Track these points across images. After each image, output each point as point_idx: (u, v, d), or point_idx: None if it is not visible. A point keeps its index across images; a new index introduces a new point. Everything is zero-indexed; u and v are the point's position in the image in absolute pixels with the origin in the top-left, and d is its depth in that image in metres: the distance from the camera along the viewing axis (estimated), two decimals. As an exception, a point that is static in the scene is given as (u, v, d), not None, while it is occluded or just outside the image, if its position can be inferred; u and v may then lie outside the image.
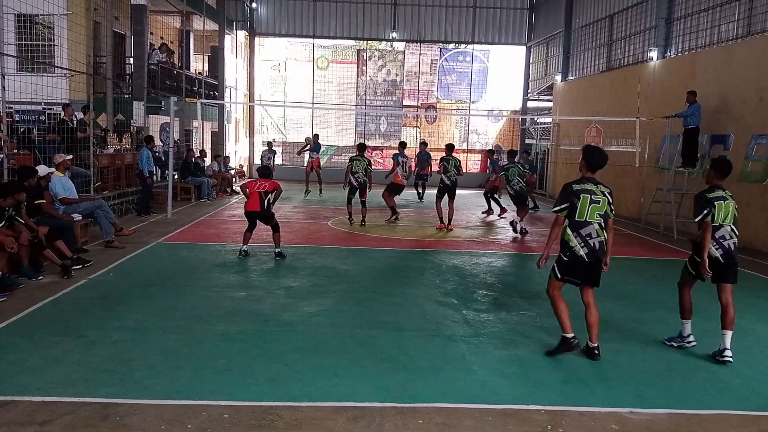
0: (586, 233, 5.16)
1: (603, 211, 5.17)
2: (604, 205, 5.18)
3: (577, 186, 5.23)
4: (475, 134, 27.25)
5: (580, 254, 5.17)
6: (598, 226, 5.17)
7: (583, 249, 5.16)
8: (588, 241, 5.16)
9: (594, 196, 5.16)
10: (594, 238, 5.16)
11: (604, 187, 5.27)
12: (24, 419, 3.92)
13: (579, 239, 5.17)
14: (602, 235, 5.19)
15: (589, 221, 5.16)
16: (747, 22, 12.59)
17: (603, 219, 5.18)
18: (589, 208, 5.14)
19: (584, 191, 5.17)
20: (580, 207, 5.14)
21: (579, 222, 5.16)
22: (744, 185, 11.80)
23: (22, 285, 7.00)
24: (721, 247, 5.48)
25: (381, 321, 6.28)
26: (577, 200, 5.16)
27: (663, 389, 4.76)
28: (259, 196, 9.07)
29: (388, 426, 4.01)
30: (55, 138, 11.34)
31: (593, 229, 5.16)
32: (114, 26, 15.99)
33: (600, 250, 5.19)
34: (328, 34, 25.48)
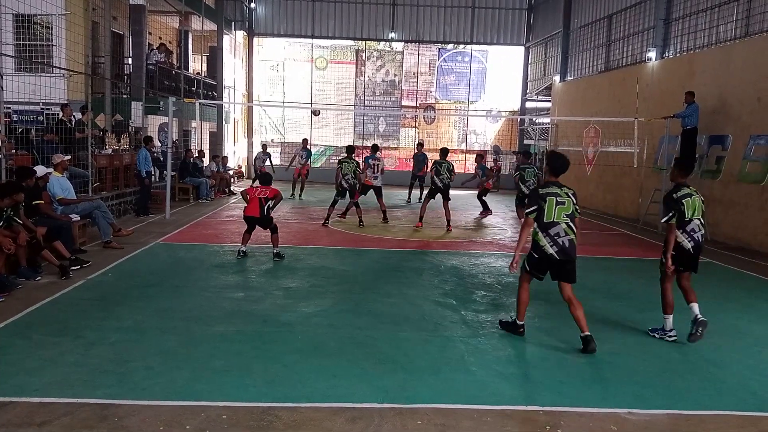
0: (555, 233, 5.52)
1: (569, 211, 5.54)
2: (570, 206, 5.55)
3: (543, 190, 5.60)
4: (473, 135, 27.28)
5: (550, 252, 5.53)
6: (566, 226, 5.53)
7: (552, 248, 5.52)
8: (557, 240, 5.52)
9: (559, 198, 5.53)
10: (563, 236, 5.52)
11: (568, 188, 5.65)
12: (22, 420, 3.91)
13: (548, 239, 5.53)
14: (571, 234, 5.55)
15: (557, 221, 5.51)
16: (745, 22, 12.61)
17: (570, 218, 5.55)
18: (555, 210, 5.51)
19: (550, 194, 5.53)
20: (547, 209, 5.51)
21: (547, 223, 5.51)
22: (742, 185, 11.82)
23: (21, 286, 6.98)
24: (692, 239, 5.93)
25: (380, 322, 6.28)
26: (544, 203, 5.52)
27: (662, 390, 4.77)
28: (259, 203, 9.09)
29: (386, 427, 4.01)
30: (53, 138, 11.33)
31: (561, 229, 5.52)
32: (112, 26, 15.97)
33: (570, 248, 5.55)
34: (327, 34, 25.49)
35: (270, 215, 9.30)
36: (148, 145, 13.24)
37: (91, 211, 9.43)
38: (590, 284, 8.22)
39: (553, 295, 7.52)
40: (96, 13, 15.30)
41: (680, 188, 5.97)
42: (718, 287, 8.44)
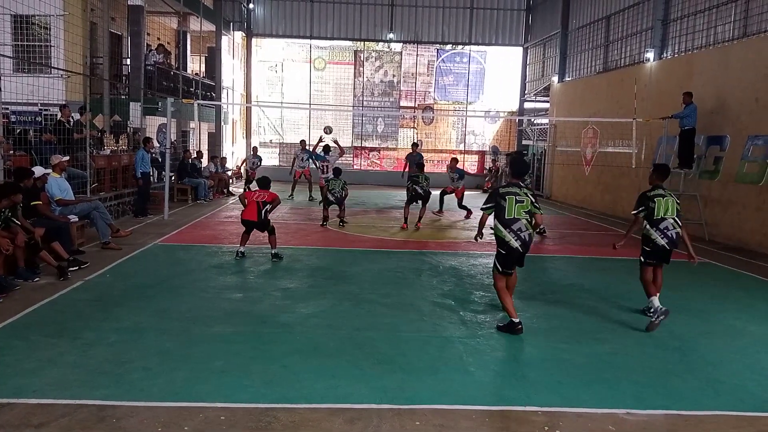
0: (517, 228, 6.00)
1: (528, 208, 6.03)
2: (528, 204, 6.03)
3: (503, 189, 6.13)
4: (472, 135, 27.28)
5: (514, 246, 6.02)
6: (526, 222, 6.03)
7: (516, 242, 6.01)
8: (519, 235, 6.01)
9: (518, 196, 6.01)
10: (524, 231, 6.02)
11: (527, 189, 6.19)
12: (20, 421, 3.91)
13: (512, 234, 6.01)
14: (530, 229, 6.08)
15: (517, 218, 6.00)
16: (743, 23, 12.63)
17: (529, 215, 6.03)
18: (515, 207, 5.99)
19: (509, 193, 6.02)
20: (507, 206, 5.99)
21: (509, 219, 6.01)
22: (740, 186, 11.84)
23: (19, 287, 6.97)
24: (665, 236, 6.50)
25: (378, 322, 6.28)
26: (504, 201, 6.00)
27: (660, 390, 4.77)
28: (257, 206, 9.11)
29: (385, 428, 4.01)
30: (52, 139, 11.32)
31: (522, 224, 6.02)
32: (111, 27, 15.95)
33: (529, 241, 6.10)
34: (325, 35, 25.49)
35: (267, 219, 9.31)
36: (146, 146, 13.23)
37: (90, 212, 9.42)
38: (588, 285, 8.24)
39: (551, 296, 7.56)
40: (94, 14, 15.30)
41: (655, 188, 6.64)
42: (716, 287, 8.45)
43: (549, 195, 21.74)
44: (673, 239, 6.54)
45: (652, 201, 6.55)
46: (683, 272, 9.41)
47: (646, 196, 6.64)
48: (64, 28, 13.48)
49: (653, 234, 6.55)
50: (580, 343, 5.82)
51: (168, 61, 18.48)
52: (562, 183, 20.94)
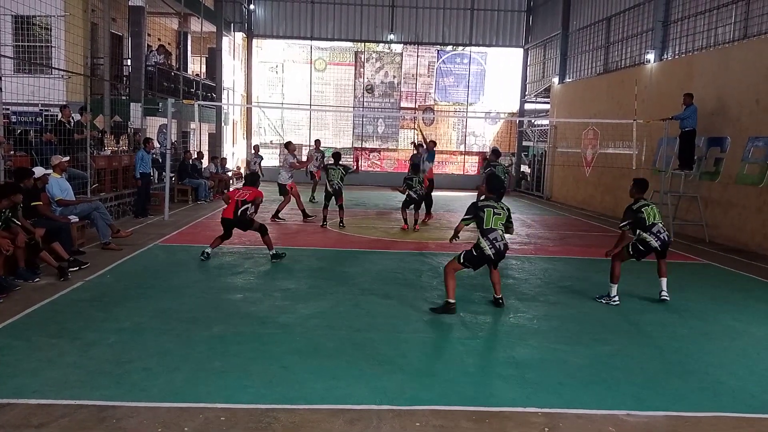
0: (493, 237, 6.56)
1: (504, 220, 6.65)
2: (505, 217, 6.67)
3: (482, 203, 6.75)
4: (472, 136, 27.28)
5: (487, 253, 6.55)
6: (501, 232, 6.63)
7: (490, 250, 6.55)
8: (495, 244, 6.56)
9: (495, 209, 6.64)
10: (499, 241, 6.60)
11: (503, 204, 6.79)
12: (20, 422, 3.91)
13: (488, 242, 6.55)
14: (505, 239, 6.67)
15: (494, 228, 6.58)
16: (744, 24, 12.64)
17: (505, 227, 6.68)
18: (492, 218, 6.58)
19: (487, 206, 6.66)
20: (485, 218, 6.58)
21: (486, 229, 6.57)
22: (740, 187, 11.84)
23: (19, 287, 6.98)
24: (658, 239, 7.23)
25: (378, 323, 6.28)
26: (483, 213, 6.60)
27: (660, 391, 4.77)
28: (235, 205, 8.87)
29: (385, 429, 4.01)
30: (52, 139, 11.32)
31: (498, 234, 6.60)
32: (111, 28, 15.96)
33: (503, 250, 6.64)
34: (326, 36, 25.50)
35: (246, 218, 9.01)
36: (146, 146, 13.24)
37: (90, 213, 9.42)
38: (588, 286, 8.23)
39: (551, 297, 7.56)
40: (95, 15, 15.31)
41: (638, 201, 7.35)
42: (716, 289, 8.45)
43: (549, 196, 21.74)
44: (665, 241, 7.30)
45: (639, 212, 7.24)
46: (684, 273, 9.42)
47: (632, 209, 7.29)
48: (65, 28, 13.50)
49: (648, 237, 7.23)
50: (580, 344, 5.82)
51: (169, 62, 18.49)
52: (563, 184, 20.94)
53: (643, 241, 7.25)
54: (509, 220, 6.73)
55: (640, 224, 7.24)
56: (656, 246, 7.22)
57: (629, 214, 7.29)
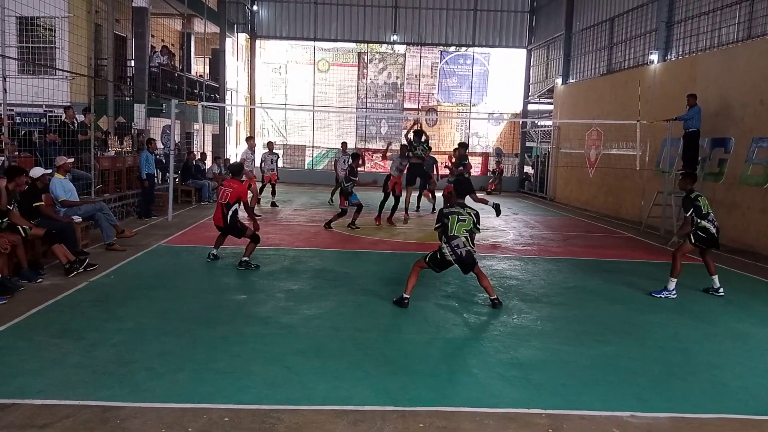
0: (455, 244, 6.66)
1: (469, 227, 6.69)
2: (470, 223, 6.70)
3: (447, 210, 6.81)
4: (475, 137, 27.26)
5: (448, 259, 6.71)
6: (465, 239, 6.67)
7: (451, 256, 6.68)
8: (456, 251, 6.66)
9: (461, 216, 6.70)
10: (461, 248, 6.66)
11: (471, 209, 6.83)
12: (24, 422, 3.92)
13: (449, 249, 6.68)
14: (469, 245, 6.69)
15: (458, 235, 6.66)
16: (748, 25, 12.61)
17: (470, 233, 6.70)
18: (456, 225, 6.66)
19: (452, 213, 6.72)
20: (450, 225, 6.67)
21: (450, 236, 6.67)
22: (745, 188, 11.81)
23: (23, 288, 6.99)
24: (714, 226, 7.77)
25: (381, 324, 6.28)
26: (447, 220, 6.69)
27: (663, 393, 4.76)
28: (221, 209, 8.35)
29: (388, 429, 4.01)
30: (56, 139, 11.35)
31: (460, 241, 6.66)
32: (115, 29, 16.02)
33: (466, 257, 6.67)
34: (329, 36, 25.52)
35: (237, 224, 8.44)
36: (149, 147, 13.26)
37: (94, 213, 9.44)
38: (592, 287, 8.22)
39: (555, 298, 7.54)
40: (99, 16, 15.34)
41: (692, 192, 7.85)
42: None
43: (552, 197, 21.71)
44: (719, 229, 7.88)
45: (696, 201, 7.75)
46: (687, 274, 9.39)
47: (690, 198, 7.79)
48: (69, 29, 13.52)
49: (707, 225, 7.72)
50: (584, 345, 5.81)
51: (172, 63, 18.52)
52: (566, 185, 20.91)
53: (704, 228, 7.71)
54: (476, 225, 6.78)
55: (698, 212, 7.70)
56: (714, 232, 7.72)
57: (689, 203, 7.76)
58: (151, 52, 16.81)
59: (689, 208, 7.76)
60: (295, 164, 26.08)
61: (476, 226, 6.79)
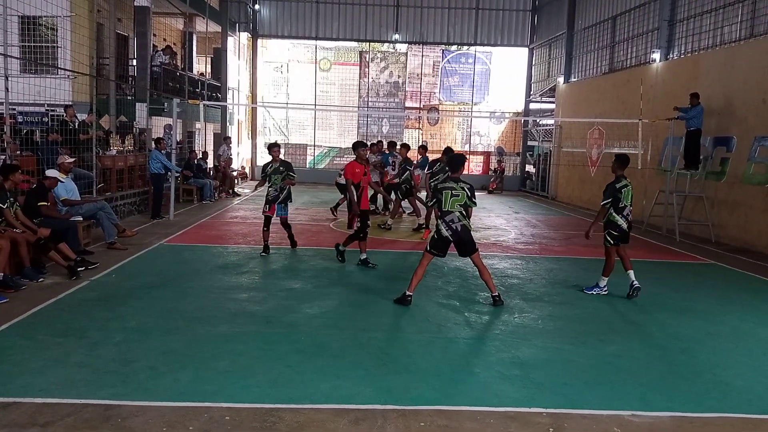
0: (449, 219, 6.68)
1: (462, 202, 6.67)
2: (463, 198, 6.67)
3: (441, 185, 6.82)
4: (477, 136, 27.25)
5: (444, 235, 6.70)
6: (459, 214, 6.67)
7: (447, 231, 6.69)
8: (450, 226, 6.68)
9: (454, 191, 6.68)
10: (456, 222, 6.67)
11: (465, 183, 6.77)
12: (26, 420, 3.92)
13: (444, 225, 6.70)
14: (464, 220, 6.69)
15: (451, 210, 6.68)
16: (750, 23, 12.58)
17: (464, 208, 6.68)
18: (450, 200, 6.66)
19: (446, 188, 6.72)
20: (443, 200, 6.67)
21: (444, 212, 6.70)
22: (747, 187, 11.78)
23: (25, 286, 7.01)
24: (627, 221, 7.39)
25: (383, 323, 6.29)
26: (441, 195, 6.69)
27: (665, 392, 4.75)
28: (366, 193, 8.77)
29: (389, 428, 4.01)
30: (58, 139, 11.36)
31: (455, 216, 6.68)
32: (117, 28, 16.03)
33: (462, 231, 6.68)
34: (331, 35, 25.51)
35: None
36: (158, 146, 13.28)
37: (95, 212, 9.46)
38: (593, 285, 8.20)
39: (556, 297, 7.54)
40: (101, 15, 15.35)
41: (620, 180, 7.37)
42: (722, 289, 8.41)
43: (554, 196, 21.70)
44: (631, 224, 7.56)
45: (619, 192, 7.34)
46: (689, 273, 9.39)
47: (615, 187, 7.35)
48: (71, 29, 13.54)
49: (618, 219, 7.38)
50: (585, 344, 5.81)
51: (174, 62, 18.52)
52: (568, 184, 20.89)
53: (615, 224, 7.37)
54: (470, 199, 6.73)
55: (615, 204, 7.31)
56: (626, 228, 7.37)
57: (611, 191, 7.33)
58: (153, 51, 16.82)
59: (609, 196, 7.32)
60: (297, 163, 26.04)
61: (471, 200, 6.74)
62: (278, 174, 9.29)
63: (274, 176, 9.31)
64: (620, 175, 7.43)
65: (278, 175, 9.28)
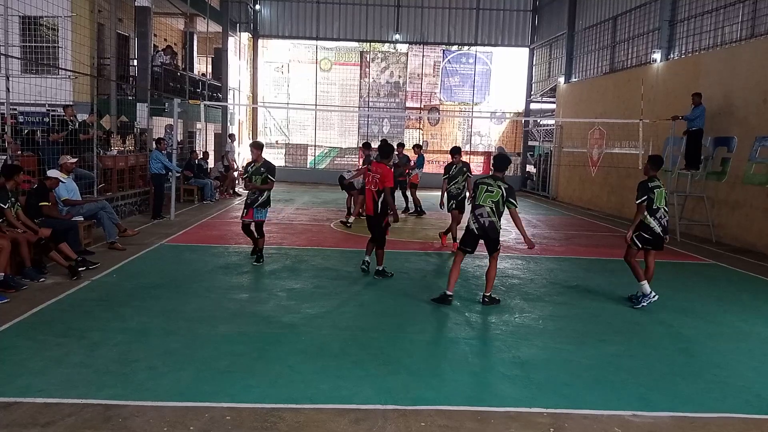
0: (478, 213, 6.81)
1: (496, 199, 6.74)
2: (498, 195, 6.74)
3: (480, 180, 6.98)
4: (478, 136, 27.25)
5: (471, 228, 6.87)
6: (490, 210, 6.76)
7: (474, 224, 6.83)
8: (479, 219, 6.80)
9: (489, 187, 6.79)
10: (484, 218, 6.78)
11: (503, 183, 6.84)
12: (27, 421, 3.93)
13: (473, 218, 6.86)
14: (493, 217, 6.77)
15: (483, 204, 6.78)
16: (751, 24, 12.57)
17: (496, 205, 6.75)
18: (483, 195, 6.79)
19: (482, 183, 6.87)
20: (477, 193, 6.85)
21: (475, 205, 6.85)
22: (748, 187, 11.77)
23: (26, 286, 7.01)
24: (660, 224, 7.05)
25: (383, 323, 6.29)
26: (477, 189, 6.87)
27: (666, 392, 4.75)
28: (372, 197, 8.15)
29: (390, 428, 4.01)
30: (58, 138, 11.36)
31: (485, 211, 6.78)
32: (118, 28, 16.04)
33: (489, 227, 6.79)
34: (332, 35, 25.52)
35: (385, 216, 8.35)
36: (159, 146, 13.28)
37: (96, 212, 9.46)
38: (594, 286, 8.21)
39: (557, 297, 7.54)
40: (101, 15, 15.37)
41: (652, 180, 7.11)
42: (723, 289, 8.40)
43: (555, 196, 21.69)
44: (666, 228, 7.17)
45: (652, 192, 7.03)
46: (690, 274, 9.38)
47: (647, 186, 7.05)
48: (72, 29, 13.56)
49: (652, 222, 7.06)
50: (586, 344, 5.81)
51: (175, 62, 18.53)
52: (568, 184, 20.88)
53: (648, 227, 7.03)
54: (508, 200, 6.74)
55: (648, 205, 6.99)
56: (659, 232, 7.02)
57: (645, 190, 7.00)
58: (153, 52, 16.83)
59: (644, 194, 6.96)
60: (297, 163, 26.08)
61: (509, 200, 6.74)
62: (258, 175, 8.76)
63: (254, 177, 8.79)
64: (653, 176, 7.14)
65: (258, 176, 8.76)
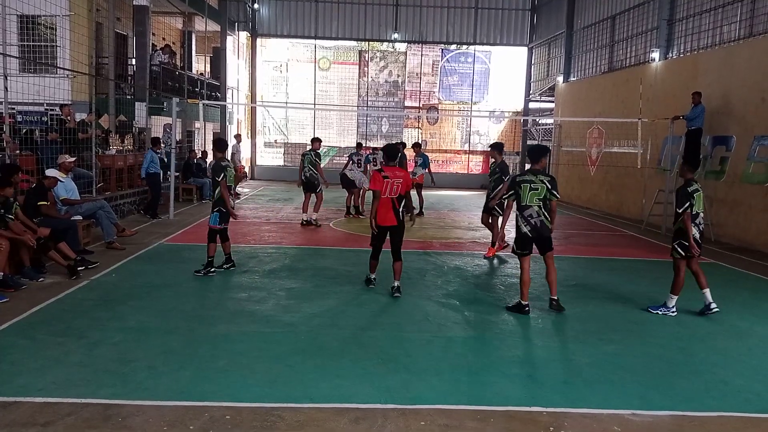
0: (528, 214, 6.48)
1: (542, 195, 6.41)
2: (543, 191, 6.41)
3: (519, 177, 6.58)
4: (476, 135, 27.25)
5: (524, 231, 6.52)
6: (538, 208, 6.46)
7: (526, 227, 6.50)
8: (529, 221, 6.48)
9: (533, 184, 6.43)
10: (535, 218, 6.47)
11: (545, 176, 6.50)
12: (26, 420, 3.92)
13: (523, 220, 6.50)
14: (542, 216, 6.47)
15: (530, 204, 6.46)
16: (749, 23, 12.58)
17: (543, 202, 6.43)
18: (529, 194, 6.43)
19: (524, 181, 6.47)
20: (522, 194, 6.47)
21: (522, 206, 6.49)
22: (746, 186, 11.79)
23: (25, 286, 7.01)
24: (698, 229, 6.68)
25: (383, 322, 6.29)
26: (520, 189, 6.47)
27: (665, 391, 4.75)
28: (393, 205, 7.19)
29: (390, 427, 4.01)
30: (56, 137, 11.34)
31: (533, 211, 6.47)
32: (116, 27, 16.00)
33: (541, 227, 6.48)
34: (330, 35, 25.50)
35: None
36: (154, 146, 13.26)
37: (95, 212, 9.45)
38: (593, 284, 8.22)
39: (556, 296, 7.52)
40: (100, 14, 15.33)
41: (691, 184, 6.66)
42: (721, 288, 8.38)
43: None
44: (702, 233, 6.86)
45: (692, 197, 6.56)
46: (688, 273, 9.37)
47: (687, 193, 6.57)
48: (70, 28, 13.53)
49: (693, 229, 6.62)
50: (586, 343, 5.81)
51: (173, 62, 18.51)
52: (567, 183, 20.88)
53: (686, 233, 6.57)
54: (551, 191, 6.40)
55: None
56: (698, 237, 6.62)
57: (685, 197, 6.52)
58: (152, 51, 16.81)
59: (684, 202, 6.51)
60: (296, 162, 26.02)
61: (552, 192, 6.41)
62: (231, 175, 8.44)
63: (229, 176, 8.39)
64: (690, 179, 6.71)
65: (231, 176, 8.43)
